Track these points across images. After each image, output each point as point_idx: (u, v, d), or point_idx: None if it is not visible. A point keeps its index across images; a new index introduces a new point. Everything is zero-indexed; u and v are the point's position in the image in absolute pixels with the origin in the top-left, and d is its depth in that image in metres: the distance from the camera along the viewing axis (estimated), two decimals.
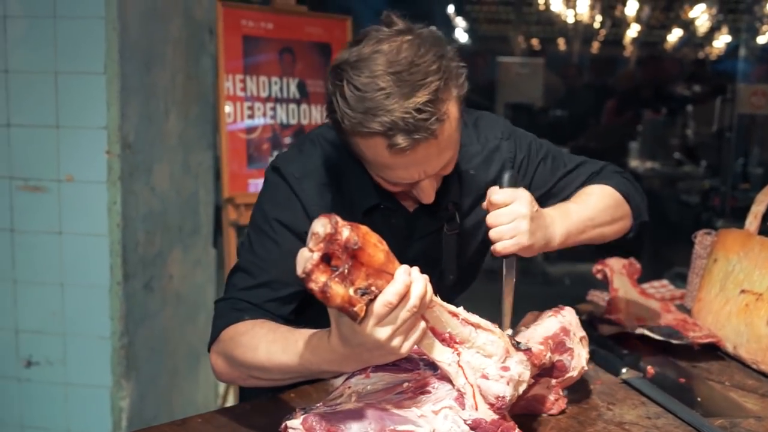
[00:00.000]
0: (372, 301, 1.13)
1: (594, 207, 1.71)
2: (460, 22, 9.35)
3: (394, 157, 1.40)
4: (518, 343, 1.39)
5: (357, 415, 1.26)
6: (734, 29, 8.79)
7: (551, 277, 6.99)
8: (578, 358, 1.57)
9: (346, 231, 1.08)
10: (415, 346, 1.25)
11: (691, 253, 2.39)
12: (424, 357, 1.36)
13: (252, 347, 1.43)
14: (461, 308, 1.32)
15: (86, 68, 2.72)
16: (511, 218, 1.50)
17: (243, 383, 1.56)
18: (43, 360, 2.87)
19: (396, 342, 1.19)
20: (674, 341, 1.90)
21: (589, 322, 2.04)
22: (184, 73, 3.24)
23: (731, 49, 8.72)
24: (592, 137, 7.79)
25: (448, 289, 1.73)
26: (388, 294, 1.14)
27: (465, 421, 1.30)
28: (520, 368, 1.35)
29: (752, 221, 2.08)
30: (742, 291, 1.94)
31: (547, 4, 8.38)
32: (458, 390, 1.32)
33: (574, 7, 8.47)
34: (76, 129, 2.76)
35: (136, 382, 2.92)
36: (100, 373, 2.84)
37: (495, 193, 1.52)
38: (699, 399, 1.68)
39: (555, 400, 1.56)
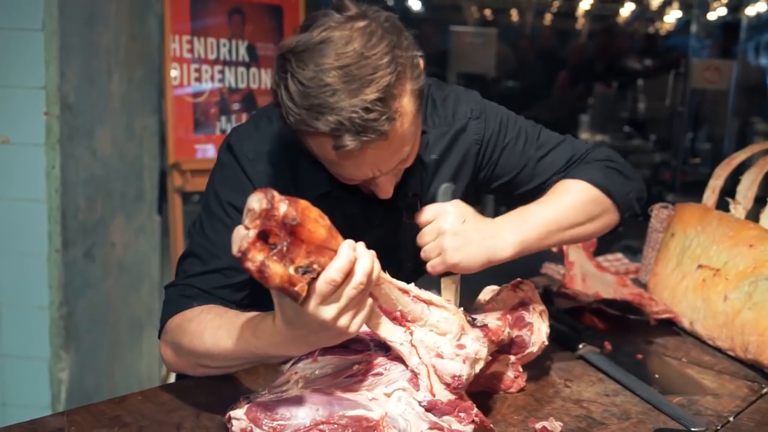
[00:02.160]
0: (314, 279, 1.05)
1: (563, 208, 1.54)
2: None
3: (342, 157, 1.30)
4: (474, 319, 1.33)
5: (303, 401, 1.19)
6: (686, 5, 8.84)
7: None
8: (538, 333, 1.52)
9: (283, 206, 1.01)
10: (365, 327, 1.19)
11: (640, 226, 2.36)
12: (375, 338, 1.30)
13: (198, 334, 1.35)
14: (412, 285, 1.26)
15: (23, 24, 2.59)
16: (434, 236, 1.42)
17: (193, 372, 1.47)
18: None
19: (343, 322, 1.11)
20: (631, 316, 1.88)
21: (544, 296, 2.00)
22: (129, 32, 3.11)
23: (682, 25, 8.79)
24: (543, 109, 7.80)
25: (406, 277, 1.66)
26: (331, 271, 1.06)
27: (420, 402, 1.24)
28: (476, 346, 1.29)
29: (710, 195, 2.06)
30: (699, 266, 1.92)
31: None
32: (412, 371, 1.26)
33: None
34: (11, 89, 2.64)
35: (75, 354, 2.82)
36: (37, 344, 2.74)
37: (422, 212, 1.44)
38: (656, 376, 1.65)
39: (515, 378, 1.51)
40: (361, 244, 1.11)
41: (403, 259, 1.66)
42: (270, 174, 1.52)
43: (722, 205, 2.02)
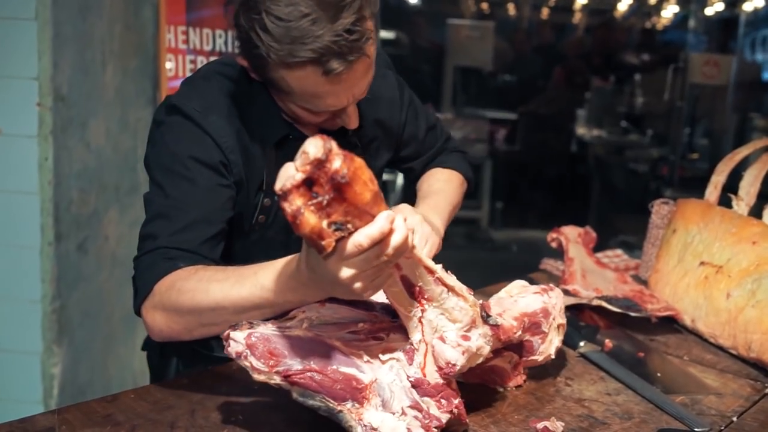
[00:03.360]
0: (344, 238, 1.05)
1: (451, 194, 1.87)
2: None
3: (329, 83, 1.36)
4: (488, 316, 1.31)
5: (303, 344, 1.20)
6: (683, 0, 8.81)
7: (497, 243, 6.97)
8: (548, 344, 1.50)
9: (337, 161, 0.98)
10: (381, 292, 1.21)
11: (637, 222, 2.33)
12: (386, 303, 1.31)
13: (201, 290, 1.32)
14: (440, 266, 1.24)
15: (16, 13, 2.55)
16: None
17: (189, 336, 1.41)
18: None
19: (358, 284, 1.12)
20: (632, 313, 1.85)
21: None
22: (123, 22, 3.07)
23: (679, 20, 8.76)
24: (541, 103, 7.79)
25: None
26: (361, 236, 1.05)
27: (408, 377, 1.25)
28: (480, 342, 1.27)
29: (712, 191, 2.03)
30: (702, 263, 1.89)
31: None
32: (411, 344, 1.27)
33: None
34: (4, 79, 2.60)
35: (68, 348, 2.79)
36: (30, 339, 2.71)
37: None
38: (658, 374, 1.62)
39: (514, 375, 1.49)
40: (399, 218, 1.10)
41: None
42: (223, 124, 1.53)
43: (724, 201, 1.99)
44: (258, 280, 1.26)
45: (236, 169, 1.53)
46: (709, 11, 7.92)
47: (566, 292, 1.99)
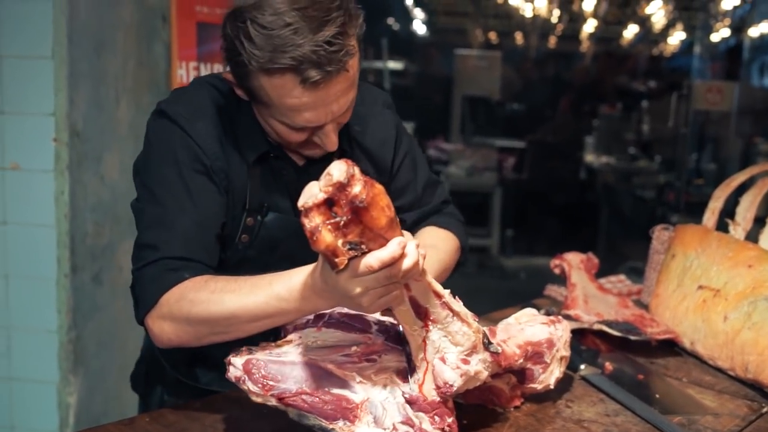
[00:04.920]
0: (357, 257, 1.12)
1: (445, 252, 1.77)
2: (419, 14, 9.31)
3: (306, 93, 1.38)
4: (490, 343, 1.36)
5: (297, 368, 1.29)
6: (689, 26, 8.89)
7: (507, 271, 7.01)
8: (549, 375, 1.55)
9: (358, 186, 1.06)
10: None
11: (645, 248, 2.38)
12: (383, 321, 1.40)
13: (216, 301, 1.35)
14: (447, 291, 1.30)
15: (33, 52, 2.63)
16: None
17: (197, 343, 1.44)
18: None
19: (365, 301, 1.19)
20: (632, 337, 1.89)
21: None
22: (136, 59, 3.16)
23: (686, 46, 8.83)
24: (548, 131, 7.84)
25: None
26: (373, 258, 1.12)
27: (403, 393, 1.31)
28: (479, 367, 1.33)
29: (710, 217, 2.08)
30: (700, 287, 1.93)
31: None
32: (404, 363, 1.35)
33: (531, 1, 8.49)
34: (22, 115, 2.67)
35: (84, 378, 2.85)
36: (46, 368, 2.75)
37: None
38: (657, 396, 1.66)
39: (511, 397, 1.53)
40: (412, 244, 1.16)
41: None
42: (209, 131, 1.55)
43: (722, 226, 2.04)
44: (273, 289, 1.31)
45: (222, 177, 1.55)
46: (715, 37, 7.98)
47: (568, 317, 2.03)
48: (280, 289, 1.30)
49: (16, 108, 2.67)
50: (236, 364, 1.28)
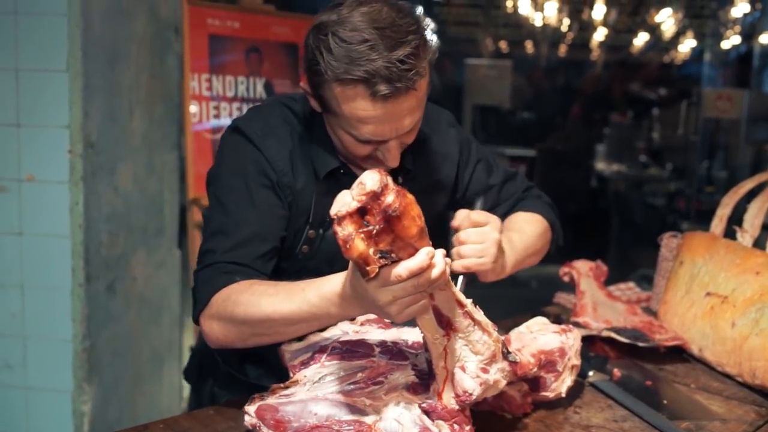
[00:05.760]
0: (386, 266, 1.14)
1: (530, 236, 1.85)
2: (429, 24, 9.32)
3: (375, 106, 1.45)
4: (508, 353, 1.38)
5: (305, 406, 1.33)
6: (699, 34, 8.88)
7: (519, 279, 6.99)
8: (560, 383, 1.57)
9: (391, 196, 1.09)
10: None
11: (656, 256, 2.40)
12: (385, 341, 1.44)
13: (254, 303, 1.43)
14: (470, 301, 1.33)
15: (48, 66, 2.67)
16: (483, 239, 1.59)
17: (242, 344, 1.52)
18: (2, 363, 2.81)
19: (393, 309, 1.21)
20: (640, 344, 1.90)
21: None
22: (149, 72, 3.20)
23: (696, 54, 8.82)
24: (559, 140, 7.84)
25: None
26: (402, 268, 1.15)
27: (420, 404, 1.33)
28: (498, 376, 1.36)
29: (717, 224, 2.09)
30: (708, 294, 1.95)
31: (515, 6, 8.39)
32: (413, 377, 1.38)
33: (542, 10, 8.50)
34: (37, 128, 2.71)
35: (98, 386, 2.88)
36: (61, 377, 2.79)
37: (472, 213, 1.60)
38: (665, 402, 1.68)
39: (521, 404, 1.55)
40: (439, 254, 1.20)
41: None
42: (279, 148, 1.64)
43: (730, 233, 2.05)
44: (306, 296, 1.36)
45: (288, 192, 1.64)
46: (725, 45, 7.97)
47: (577, 324, 2.05)
48: (311, 295, 1.35)
49: (32, 121, 2.71)
50: (250, 412, 1.33)
